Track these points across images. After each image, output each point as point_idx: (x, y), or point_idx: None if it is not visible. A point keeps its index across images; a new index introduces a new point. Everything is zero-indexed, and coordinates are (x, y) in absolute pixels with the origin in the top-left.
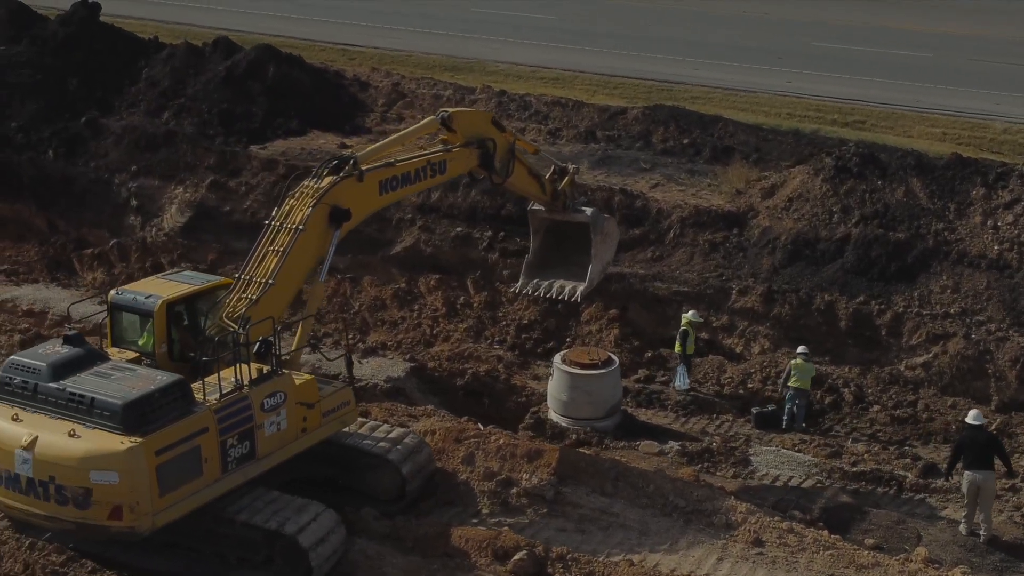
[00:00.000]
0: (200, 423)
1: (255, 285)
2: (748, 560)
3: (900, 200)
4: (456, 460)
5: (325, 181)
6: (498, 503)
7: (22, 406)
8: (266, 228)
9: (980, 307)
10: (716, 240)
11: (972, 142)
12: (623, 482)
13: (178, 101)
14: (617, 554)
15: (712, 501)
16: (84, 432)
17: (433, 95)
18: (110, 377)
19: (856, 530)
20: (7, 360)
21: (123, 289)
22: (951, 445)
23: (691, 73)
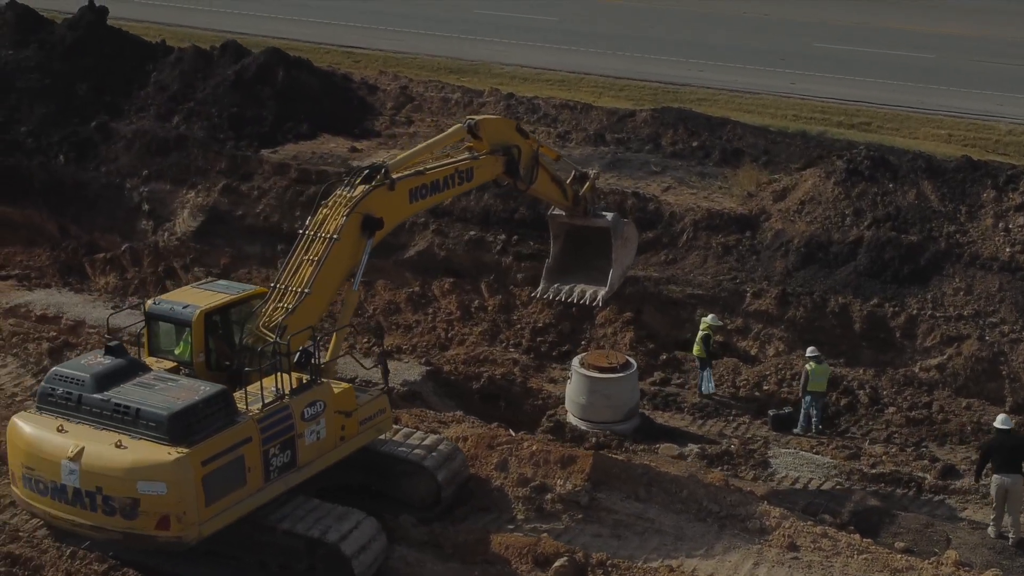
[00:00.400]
0: (244, 433)
1: (291, 294)
2: (784, 564)
3: (912, 203)
4: (489, 466)
5: (358, 190)
6: (533, 509)
7: (66, 417)
8: (300, 237)
9: (993, 309)
10: (729, 243)
11: (978, 143)
12: (656, 487)
13: (187, 105)
14: (655, 559)
15: (745, 506)
16: (130, 443)
17: (441, 98)
18: (153, 388)
19: (885, 533)
20: (50, 371)
21: (160, 299)
22: (979, 449)
23: (695, 75)
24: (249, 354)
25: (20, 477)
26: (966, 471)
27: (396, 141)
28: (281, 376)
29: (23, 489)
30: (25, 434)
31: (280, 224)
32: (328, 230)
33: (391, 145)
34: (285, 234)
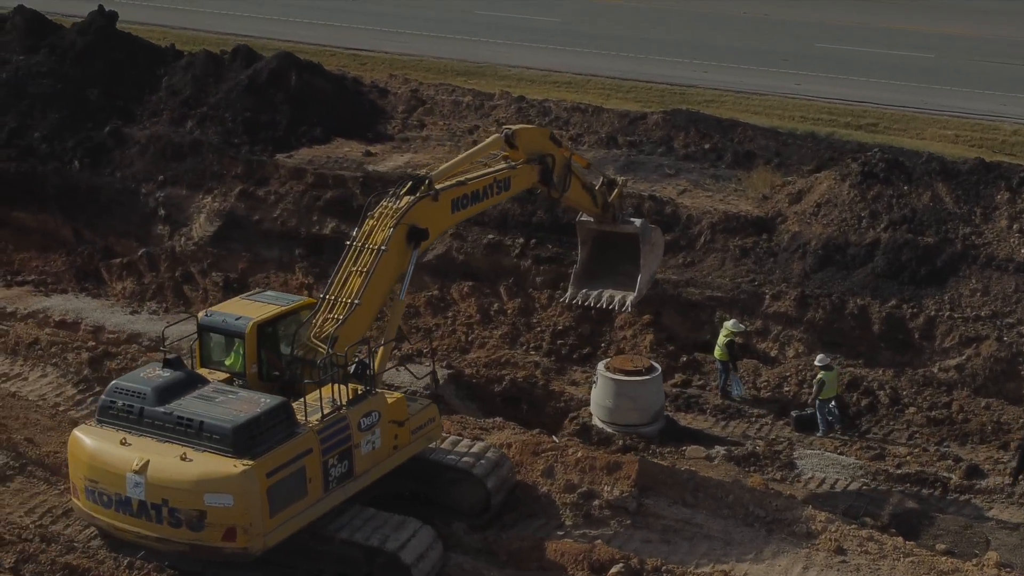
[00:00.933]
0: (304, 444)
1: (340, 305)
2: (832, 568)
3: (927, 205)
4: (535, 473)
5: (403, 201)
6: (581, 515)
7: (128, 430)
8: (348, 248)
9: (1010, 310)
10: (746, 245)
11: (984, 144)
12: (702, 492)
13: (200, 110)
14: (705, 564)
15: (791, 510)
16: (195, 456)
17: (452, 101)
18: (214, 400)
19: (925, 535)
20: (110, 385)
21: (211, 311)
22: (1018, 448)
23: (700, 76)
24: (301, 365)
25: (83, 489)
26: (990, 471)
27: (409, 145)
28: (338, 387)
29: (85, 501)
30: (88, 447)
31: (298, 229)
32: (375, 241)
33: (405, 149)
34: (303, 239)
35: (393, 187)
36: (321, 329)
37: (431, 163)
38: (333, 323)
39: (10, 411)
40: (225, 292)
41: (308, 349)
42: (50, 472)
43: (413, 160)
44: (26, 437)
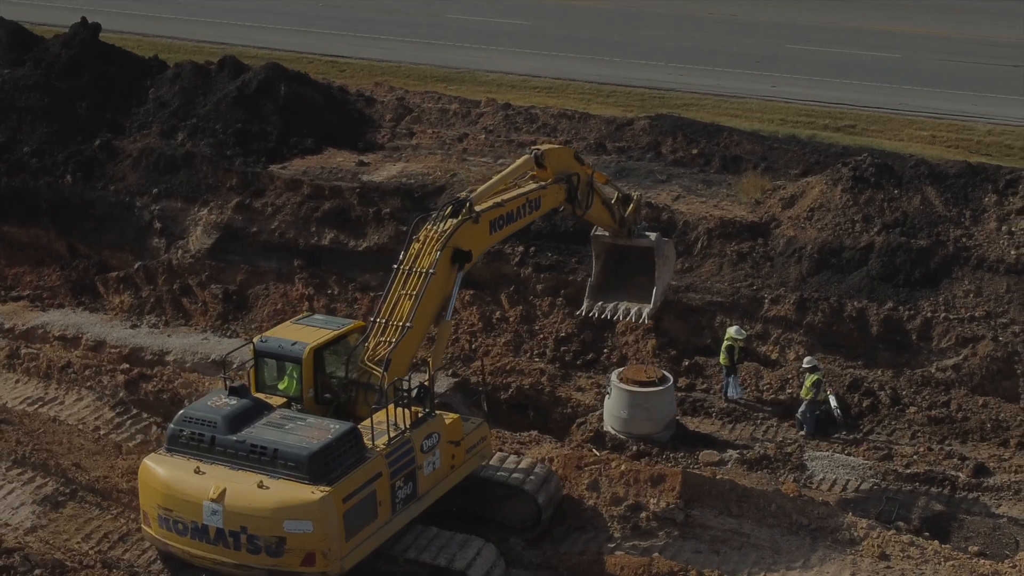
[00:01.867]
0: (374, 468)
1: (392, 328)
2: (878, 574)
3: (917, 208)
4: (581, 487)
5: (447, 224)
6: (629, 527)
7: (199, 458)
8: (395, 272)
9: (1003, 310)
10: (743, 250)
11: (960, 144)
12: (746, 502)
13: (190, 121)
14: (758, 573)
15: (833, 518)
16: (272, 483)
17: (439, 109)
18: (284, 427)
19: (957, 537)
20: (179, 414)
21: (266, 336)
22: None
23: (677, 79)
24: (356, 388)
25: (156, 518)
26: (996, 468)
27: (400, 154)
28: (401, 410)
29: (159, 529)
30: (161, 476)
31: (296, 240)
32: (423, 265)
33: (396, 158)
34: (302, 250)
35: (435, 210)
36: (374, 352)
37: (425, 172)
38: (386, 346)
39: (53, 436)
40: (224, 304)
41: (363, 372)
42: (101, 497)
43: (406, 169)
44: (73, 462)
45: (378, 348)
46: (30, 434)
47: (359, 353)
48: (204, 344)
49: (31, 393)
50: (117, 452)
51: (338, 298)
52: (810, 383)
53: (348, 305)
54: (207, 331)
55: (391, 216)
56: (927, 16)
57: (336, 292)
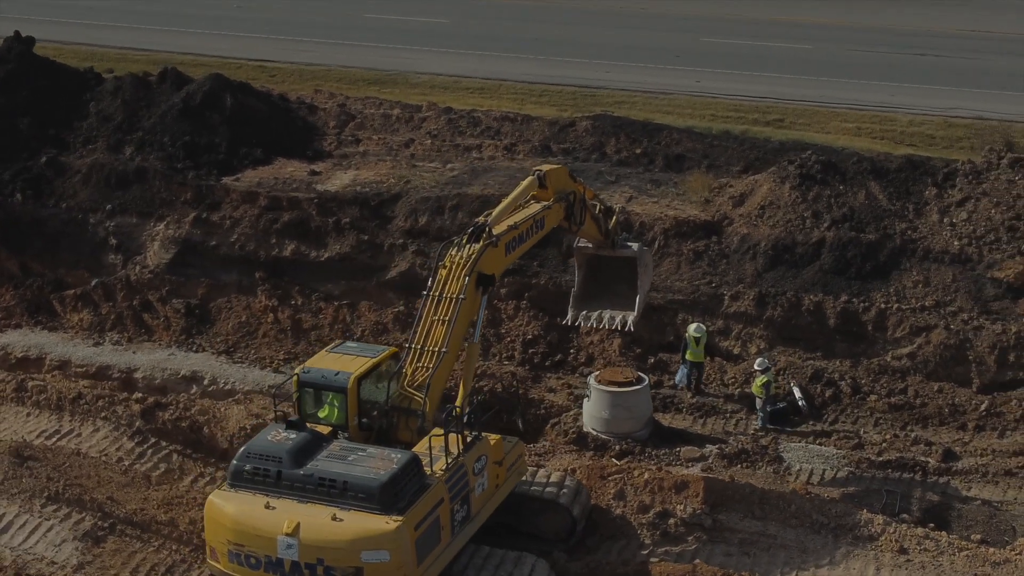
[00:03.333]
0: (437, 495)
1: (428, 354)
2: (901, 567)
3: (863, 203)
4: (607, 496)
5: (471, 250)
6: (659, 534)
7: (265, 492)
8: (426, 298)
9: (950, 299)
10: (699, 249)
11: (885, 135)
12: (768, 504)
13: (136, 135)
14: (789, 573)
15: (850, 515)
16: (345, 515)
17: (381, 115)
18: (347, 459)
19: (958, 526)
20: (241, 450)
21: (308, 367)
22: None
23: (604, 76)
24: (397, 414)
25: (224, 553)
26: (962, 452)
27: (350, 161)
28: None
29: (228, 564)
30: (230, 512)
31: (257, 252)
32: (452, 290)
33: (346, 166)
34: (263, 262)
35: (456, 236)
36: (413, 378)
37: (379, 180)
38: (424, 371)
39: (81, 470)
40: (187, 319)
41: (403, 398)
42: (140, 529)
43: (359, 177)
44: (107, 496)
45: (416, 374)
46: (58, 469)
47: (398, 380)
48: (171, 360)
49: (45, 426)
50: (147, 483)
51: (303, 308)
52: (760, 384)
53: (313, 315)
54: (172, 346)
55: (351, 226)
56: (826, 6)
57: (300, 303)
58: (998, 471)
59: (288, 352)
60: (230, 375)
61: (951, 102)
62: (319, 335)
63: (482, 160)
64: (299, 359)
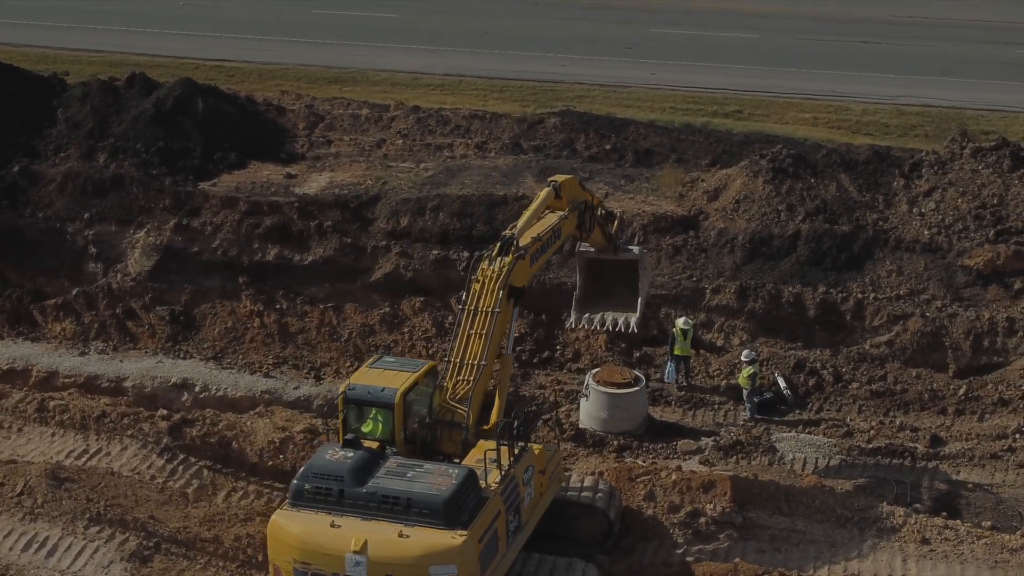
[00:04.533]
0: (495, 507)
1: (468, 367)
2: (926, 557)
3: (834, 195)
4: (637, 497)
5: (503, 264)
6: (691, 533)
7: (327, 511)
8: (462, 312)
9: (923, 287)
10: (677, 243)
11: (841, 125)
12: (794, 501)
13: (108, 141)
14: (822, 568)
15: (872, 509)
16: (411, 531)
17: (350, 115)
18: (406, 476)
19: (968, 513)
20: (302, 470)
21: (353, 384)
22: None
23: (560, 70)
24: (441, 427)
25: (290, 572)
26: (947, 437)
27: (324, 163)
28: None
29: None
30: (295, 531)
31: (240, 257)
32: (487, 304)
33: (320, 168)
34: (246, 267)
35: (484, 250)
36: (455, 391)
37: (355, 181)
38: (465, 384)
39: (117, 490)
40: (172, 326)
41: (446, 411)
42: (186, 548)
43: (335, 179)
44: (148, 515)
45: (457, 387)
46: (95, 490)
47: (440, 393)
48: (160, 367)
49: (72, 446)
50: (184, 500)
51: (288, 312)
52: (746, 375)
53: (299, 319)
54: (159, 353)
55: (333, 229)
56: None
57: (285, 307)
58: (984, 455)
59: (276, 356)
60: (221, 381)
61: (899, 90)
62: (306, 338)
63: (454, 159)
64: (288, 363)
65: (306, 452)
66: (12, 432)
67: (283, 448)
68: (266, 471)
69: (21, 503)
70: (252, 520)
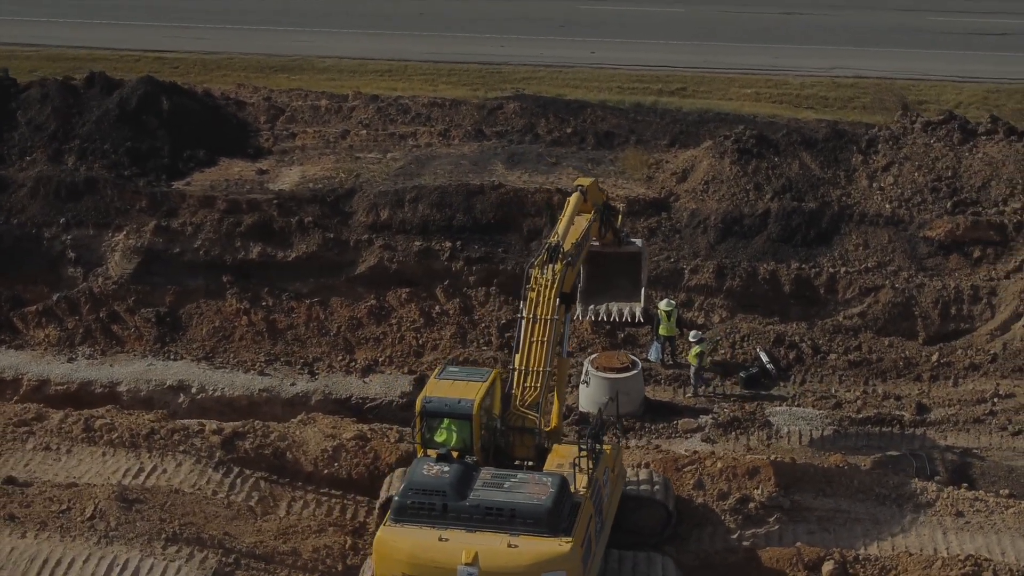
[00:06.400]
0: (587, 511)
1: (533, 374)
2: (963, 529)
3: (798, 173)
4: (687, 486)
5: (556, 272)
6: (741, 518)
7: (431, 525)
8: (521, 321)
9: (889, 258)
10: (652, 226)
11: (782, 99)
12: (834, 482)
13: (74, 143)
14: (871, 544)
15: (906, 485)
16: (519, 541)
17: (310, 107)
18: (503, 486)
19: (984, 483)
20: (403, 487)
21: (429, 397)
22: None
23: (500, 51)
24: (513, 433)
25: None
26: (931, 405)
27: (292, 156)
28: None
29: None
30: (404, 547)
31: (223, 256)
32: (544, 312)
33: (289, 162)
34: (230, 266)
35: (532, 259)
36: (523, 398)
37: (328, 175)
38: (532, 391)
39: (185, 507)
40: (159, 327)
41: (517, 417)
42: (264, 562)
43: (307, 173)
44: (221, 531)
45: (525, 394)
46: (164, 509)
47: (510, 401)
48: (152, 370)
49: (126, 465)
50: (252, 514)
51: (275, 309)
52: (695, 353)
53: (286, 315)
54: (148, 356)
55: (314, 224)
56: None
57: (271, 304)
58: (967, 419)
59: (268, 354)
60: (217, 381)
61: (830, 61)
62: (296, 334)
63: (419, 147)
64: (280, 360)
65: (359, 459)
66: (62, 454)
67: (336, 456)
68: (321, 480)
69: (94, 527)
70: (325, 531)
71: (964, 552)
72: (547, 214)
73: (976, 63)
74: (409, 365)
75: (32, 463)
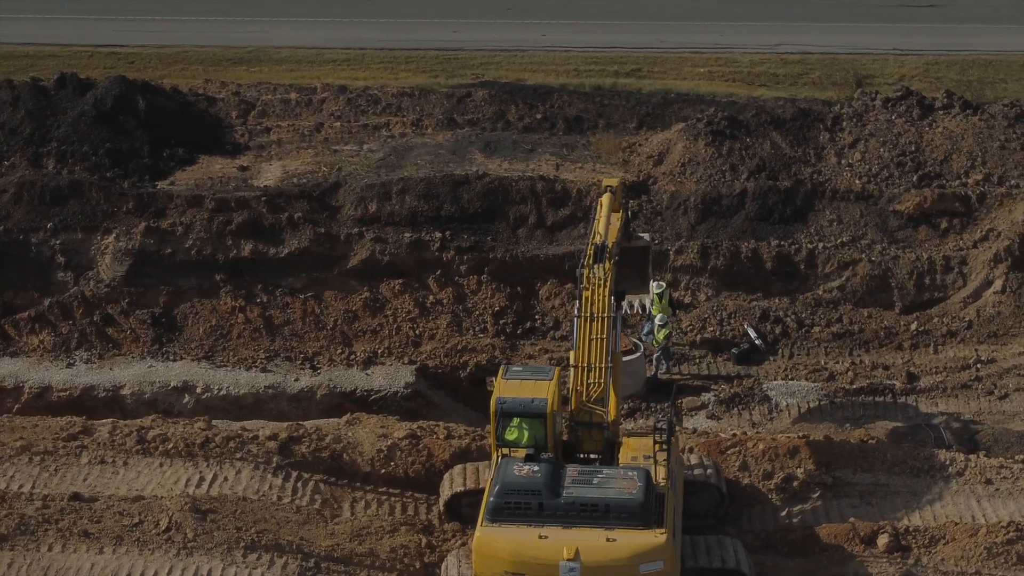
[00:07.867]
0: (671, 502)
1: (595, 370)
2: (994, 497)
3: (770, 153)
4: (732, 468)
5: (606, 270)
6: (788, 495)
7: (527, 523)
8: (578, 319)
9: (862, 233)
10: (634, 209)
11: (735, 77)
12: (870, 457)
13: (51, 146)
14: (914, 516)
15: (935, 457)
16: (617, 535)
17: (280, 100)
18: (592, 482)
19: (998, 449)
20: (497, 489)
21: (503, 397)
22: None
23: (453, 36)
24: (582, 428)
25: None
26: (920, 373)
27: (269, 152)
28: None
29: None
30: (504, 546)
31: (215, 255)
32: (599, 310)
33: (268, 157)
34: (222, 264)
35: (580, 258)
36: (588, 394)
37: (310, 170)
38: (597, 387)
39: (256, 514)
40: (155, 328)
41: (583, 413)
42: (343, 564)
43: (288, 168)
44: (298, 536)
45: (591, 390)
46: (237, 517)
47: (576, 398)
48: (152, 372)
49: (185, 475)
50: (322, 518)
51: (270, 306)
52: (663, 335)
53: (282, 311)
54: (147, 357)
55: (303, 219)
56: None
57: (266, 300)
58: (955, 385)
59: (267, 350)
60: (221, 380)
61: (775, 38)
62: (293, 330)
63: (394, 138)
64: (280, 356)
65: (414, 458)
66: (119, 467)
67: (392, 455)
68: (379, 479)
69: (171, 539)
70: (398, 531)
71: (999, 518)
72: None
73: (916, 35)
74: (408, 355)
75: (91, 477)
